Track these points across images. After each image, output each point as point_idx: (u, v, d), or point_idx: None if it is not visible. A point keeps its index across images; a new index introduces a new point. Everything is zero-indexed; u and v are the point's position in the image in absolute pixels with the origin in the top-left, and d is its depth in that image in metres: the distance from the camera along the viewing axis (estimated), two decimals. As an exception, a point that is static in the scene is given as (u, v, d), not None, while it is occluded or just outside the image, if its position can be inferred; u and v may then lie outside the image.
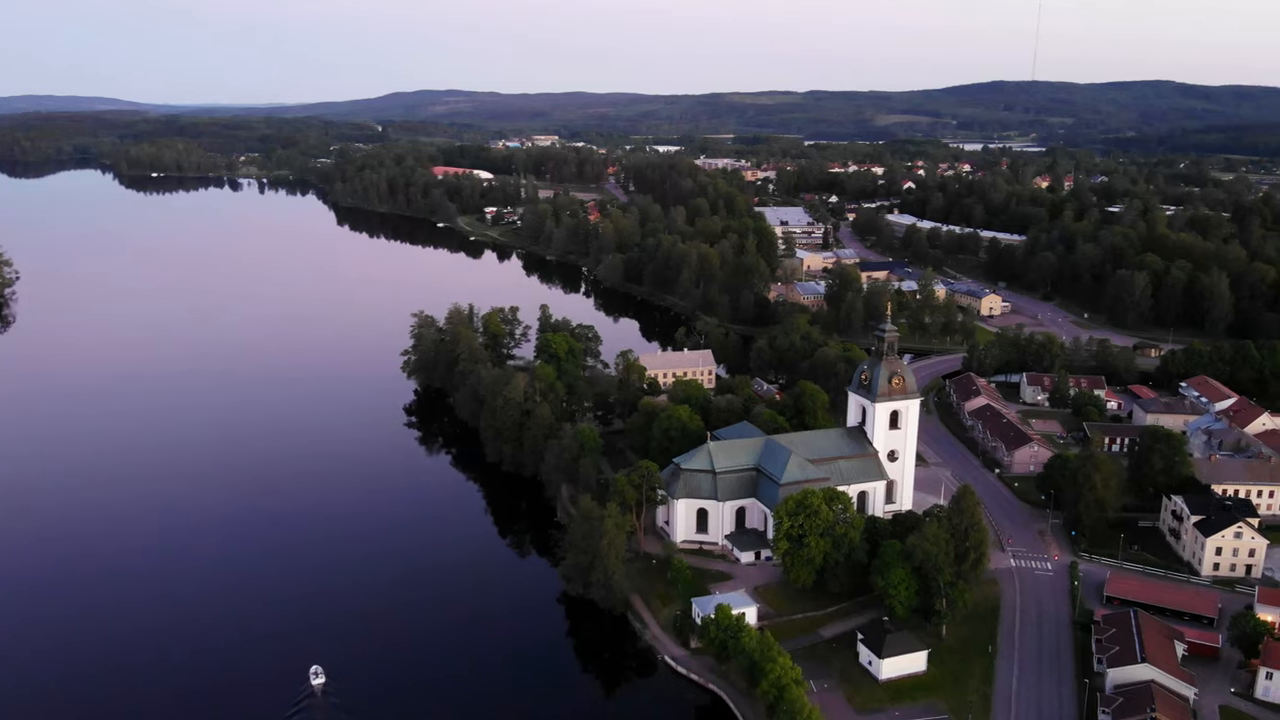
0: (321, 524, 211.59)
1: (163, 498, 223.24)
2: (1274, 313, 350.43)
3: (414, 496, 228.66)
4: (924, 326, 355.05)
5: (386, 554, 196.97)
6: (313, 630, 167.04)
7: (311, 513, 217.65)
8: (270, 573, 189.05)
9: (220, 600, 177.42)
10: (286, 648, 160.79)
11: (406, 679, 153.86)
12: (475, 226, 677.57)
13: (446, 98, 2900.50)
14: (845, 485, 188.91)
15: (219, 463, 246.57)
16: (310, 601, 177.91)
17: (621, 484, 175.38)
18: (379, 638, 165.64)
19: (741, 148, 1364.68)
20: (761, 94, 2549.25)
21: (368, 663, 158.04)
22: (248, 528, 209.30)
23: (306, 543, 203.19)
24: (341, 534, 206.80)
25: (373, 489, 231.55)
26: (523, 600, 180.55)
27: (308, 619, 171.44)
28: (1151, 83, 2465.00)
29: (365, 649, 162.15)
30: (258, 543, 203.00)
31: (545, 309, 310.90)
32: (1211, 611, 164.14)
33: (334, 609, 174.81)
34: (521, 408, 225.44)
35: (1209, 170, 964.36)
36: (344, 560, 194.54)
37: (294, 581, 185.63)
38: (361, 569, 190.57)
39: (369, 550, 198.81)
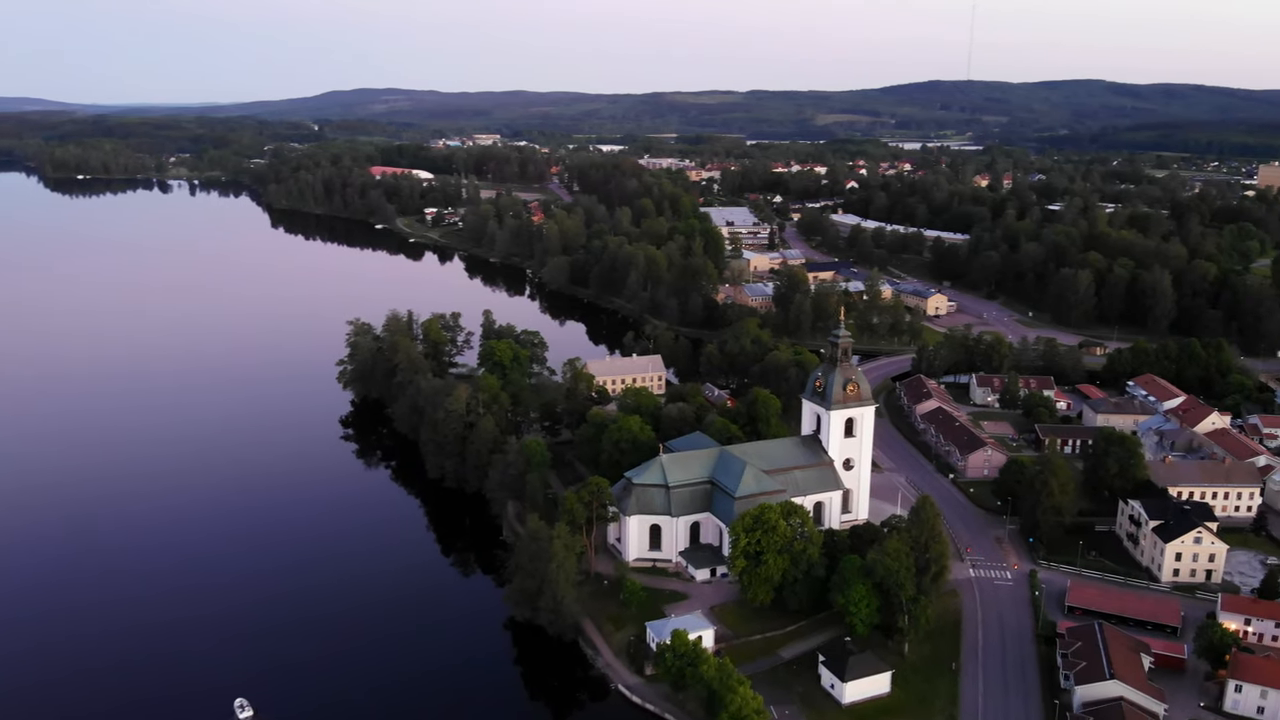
0: (249, 545, 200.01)
1: (77, 520, 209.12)
2: (1216, 309, 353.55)
3: (350, 515, 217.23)
4: (872, 327, 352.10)
5: (319, 577, 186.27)
6: (239, 658, 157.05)
7: (238, 533, 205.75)
8: (192, 598, 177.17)
9: (139, 626, 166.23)
10: (210, 677, 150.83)
11: (340, 710, 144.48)
12: (415, 228, 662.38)
13: (385, 96, 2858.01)
14: (801, 496, 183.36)
15: (138, 481, 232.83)
16: (237, 627, 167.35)
17: (571, 502, 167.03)
18: (311, 666, 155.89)
19: (685, 147, 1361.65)
20: (703, 93, 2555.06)
21: (299, 692, 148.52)
22: (168, 551, 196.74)
23: (232, 566, 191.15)
24: (270, 555, 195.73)
25: (305, 507, 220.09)
26: (467, 626, 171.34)
27: (234, 646, 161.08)
28: (1083, 81, 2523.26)
29: (296, 678, 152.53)
30: (179, 566, 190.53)
31: (488, 314, 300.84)
32: (1174, 620, 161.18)
33: (263, 634, 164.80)
34: (463, 420, 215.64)
35: (1143, 168, 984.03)
36: (273, 583, 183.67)
37: (217, 607, 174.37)
38: (292, 592, 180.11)
39: (300, 573, 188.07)
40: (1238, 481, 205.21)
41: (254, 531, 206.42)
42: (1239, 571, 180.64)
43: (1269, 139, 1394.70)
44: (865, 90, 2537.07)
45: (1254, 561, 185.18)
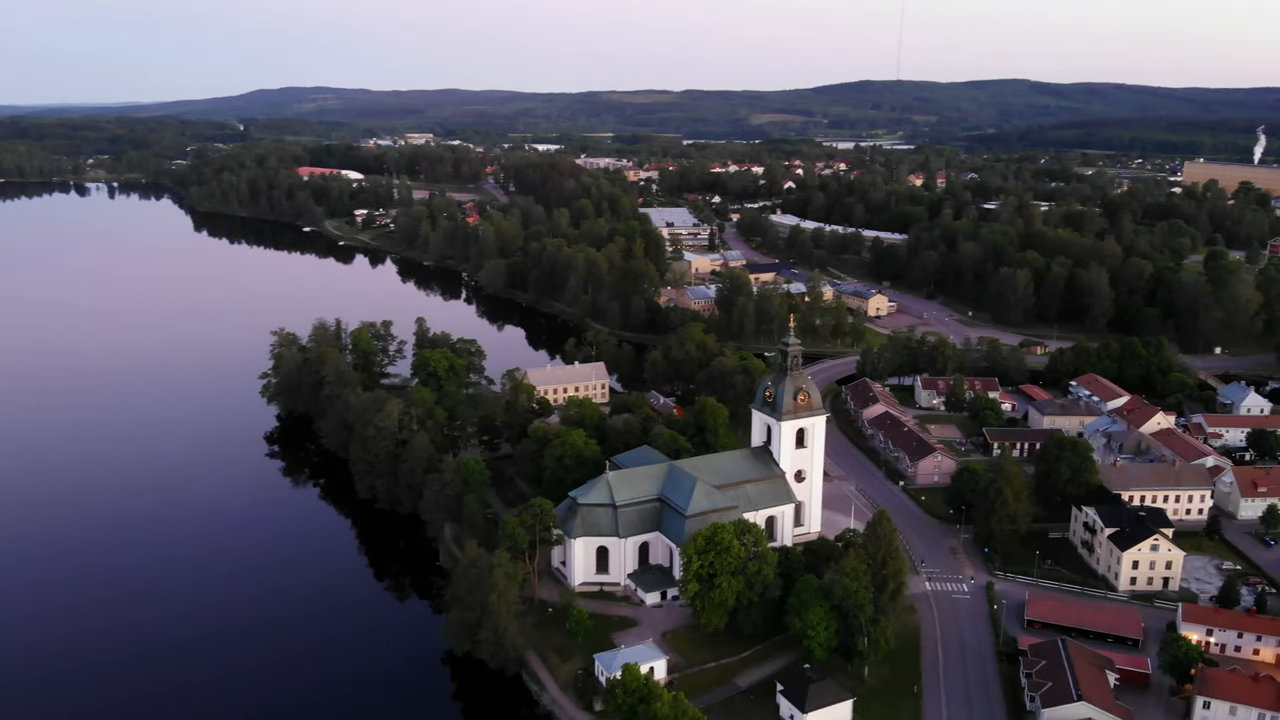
0: (166, 571, 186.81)
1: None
2: (1152, 307, 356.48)
3: (274, 540, 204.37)
4: (814, 329, 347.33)
5: (239, 607, 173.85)
6: (149, 697, 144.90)
7: (154, 558, 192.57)
8: (100, 629, 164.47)
9: (38, 661, 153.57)
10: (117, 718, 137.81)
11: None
12: (344, 230, 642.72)
13: (314, 95, 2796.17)
14: (753, 511, 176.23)
15: (43, 503, 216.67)
16: (148, 660, 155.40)
17: (512, 525, 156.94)
18: (230, 703, 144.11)
19: (622, 147, 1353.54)
20: (638, 92, 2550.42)
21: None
22: (75, 577, 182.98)
23: (147, 593, 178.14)
24: (189, 582, 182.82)
25: (226, 531, 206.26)
26: (401, 658, 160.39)
27: (144, 682, 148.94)
28: (1008, 81, 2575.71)
29: (213, 717, 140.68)
30: (86, 595, 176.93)
31: (421, 322, 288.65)
32: (1136, 632, 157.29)
33: (177, 668, 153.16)
34: (396, 437, 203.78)
35: (1071, 166, 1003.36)
36: (192, 612, 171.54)
37: (129, 637, 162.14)
38: (212, 622, 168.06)
39: (221, 601, 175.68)
40: (1188, 484, 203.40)
41: (169, 559, 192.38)
42: (1195, 578, 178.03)
43: (1189, 136, 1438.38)
44: (798, 90, 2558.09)
45: (1209, 567, 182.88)
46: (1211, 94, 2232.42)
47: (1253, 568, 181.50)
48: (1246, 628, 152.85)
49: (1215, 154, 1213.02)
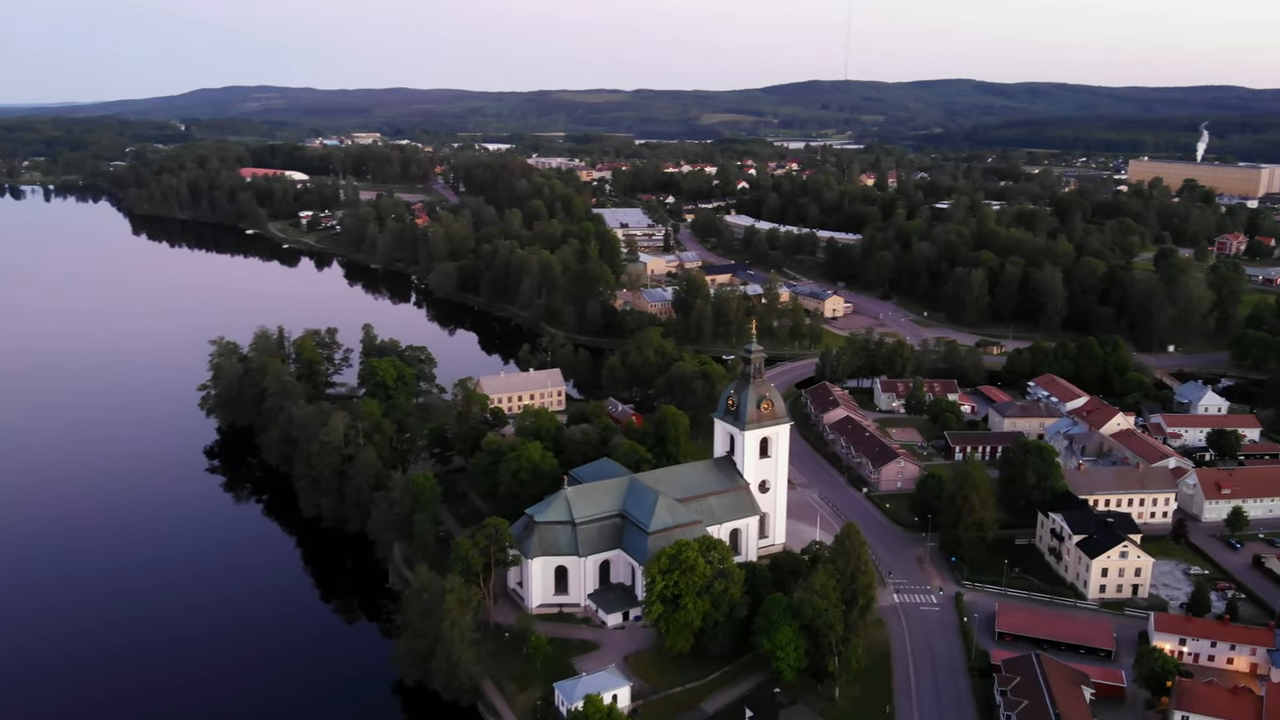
0: (94, 598, 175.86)
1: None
2: (1106, 306, 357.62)
3: (214, 559, 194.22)
4: (772, 332, 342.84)
5: (178, 629, 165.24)
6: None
7: (86, 579, 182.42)
8: (26, 656, 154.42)
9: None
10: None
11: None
12: (289, 233, 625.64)
13: (258, 94, 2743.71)
14: (717, 525, 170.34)
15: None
16: (80, 687, 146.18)
17: (465, 548, 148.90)
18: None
19: (574, 146, 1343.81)
20: (589, 92, 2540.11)
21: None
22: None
23: (77, 618, 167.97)
24: (124, 605, 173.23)
25: (161, 552, 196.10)
26: (349, 686, 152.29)
27: (76, 711, 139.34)
28: (953, 81, 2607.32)
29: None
30: (10, 620, 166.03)
31: (368, 329, 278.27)
32: (1108, 643, 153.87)
33: (110, 697, 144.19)
34: (341, 452, 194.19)
35: (1018, 164, 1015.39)
36: (121, 639, 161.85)
37: (59, 665, 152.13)
38: (144, 648, 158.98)
39: (155, 625, 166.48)
40: (1153, 487, 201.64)
41: (104, 579, 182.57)
42: (1164, 584, 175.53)
43: (1131, 134, 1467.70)
44: (748, 90, 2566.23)
45: (1177, 572, 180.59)
46: (1151, 93, 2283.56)
47: (1220, 572, 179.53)
48: (1220, 636, 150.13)
49: (1157, 152, 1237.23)
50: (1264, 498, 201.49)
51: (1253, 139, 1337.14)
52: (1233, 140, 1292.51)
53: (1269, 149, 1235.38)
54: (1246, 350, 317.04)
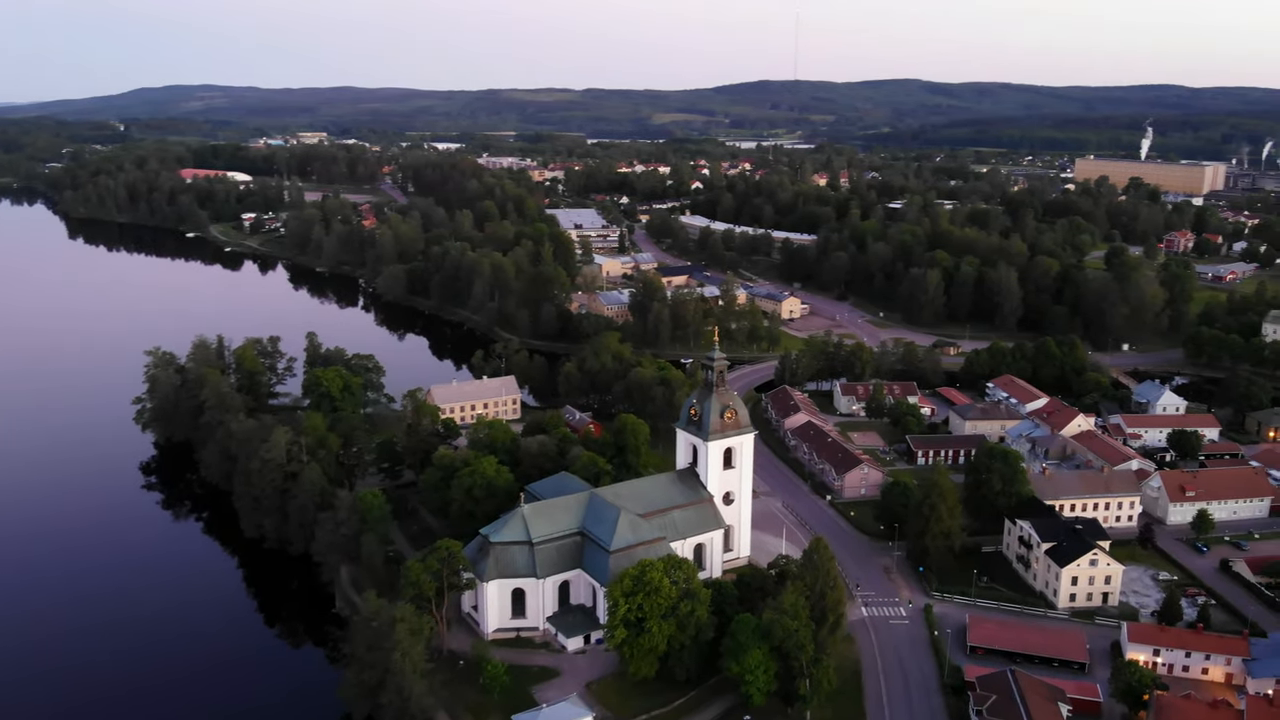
0: (21, 617, 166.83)
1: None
2: (1060, 305, 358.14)
3: (150, 581, 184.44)
4: (730, 334, 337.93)
5: (110, 657, 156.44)
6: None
7: (9, 603, 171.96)
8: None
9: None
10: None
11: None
12: (231, 236, 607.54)
13: (200, 93, 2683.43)
14: (680, 540, 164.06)
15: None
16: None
17: (416, 573, 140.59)
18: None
19: (525, 146, 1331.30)
20: (540, 90, 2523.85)
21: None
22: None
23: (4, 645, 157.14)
24: (50, 630, 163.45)
25: (96, 573, 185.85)
26: (294, 718, 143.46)
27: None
28: (901, 81, 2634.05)
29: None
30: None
31: (312, 337, 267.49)
32: (1081, 655, 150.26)
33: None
34: (283, 470, 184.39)
35: (966, 164, 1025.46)
36: (51, 666, 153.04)
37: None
38: (75, 677, 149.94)
39: (87, 652, 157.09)
40: (1118, 491, 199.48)
41: (30, 602, 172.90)
42: (1133, 590, 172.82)
43: (1074, 133, 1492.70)
44: (699, 90, 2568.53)
45: (1145, 578, 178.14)
46: (1093, 92, 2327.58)
47: (1189, 577, 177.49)
48: (1194, 646, 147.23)
49: (1101, 150, 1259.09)
50: (1228, 499, 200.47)
51: (1193, 136, 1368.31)
52: (1174, 138, 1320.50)
53: (1209, 147, 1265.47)
54: (1200, 348, 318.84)
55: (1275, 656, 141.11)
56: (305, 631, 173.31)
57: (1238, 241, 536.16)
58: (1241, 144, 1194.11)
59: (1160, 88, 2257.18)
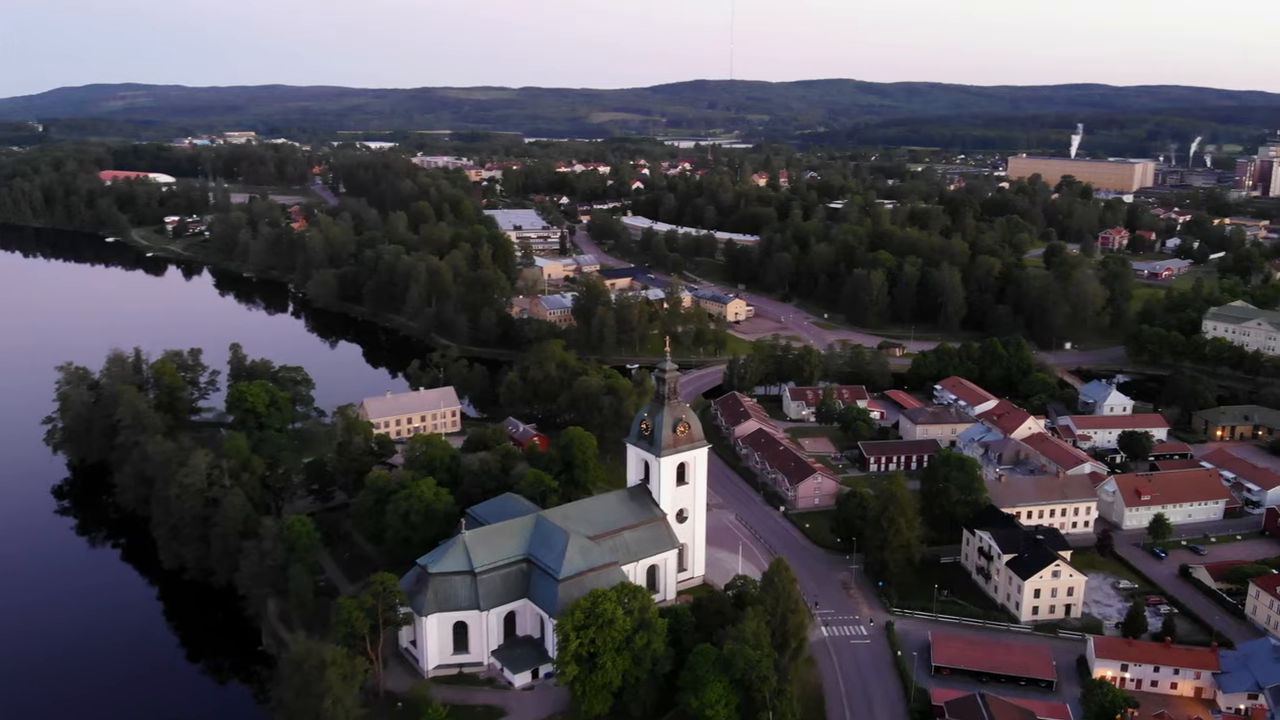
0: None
1: None
2: (1003, 304, 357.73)
3: (63, 612, 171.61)
4: (676, 338, 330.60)
5: (18, 694, 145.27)
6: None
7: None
8: None
9: None
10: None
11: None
12: (153, 240, 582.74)
13: (123, 92, 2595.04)
14: (633, 562, 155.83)
15: None
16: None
17: (348, 611, 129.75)
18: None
19: (461, 145, 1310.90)
20: (475, 89, 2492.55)
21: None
22: None
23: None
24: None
25: (3, 607, 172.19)
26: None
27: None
28: (834, 81, 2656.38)
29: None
30: None
31: (237, 349, 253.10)
32: (1049, 673, 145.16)
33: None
34: (204, 496, 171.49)
35: (902, 163, 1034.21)
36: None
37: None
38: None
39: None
40: (1074, 497, 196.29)
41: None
42: (1094, 600, 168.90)
43: (1004, 132, 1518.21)
44: (636, 89, 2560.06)
45: (1106, 587, 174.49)
46: (1020, 91, 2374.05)
47: (1149, 585, 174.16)
48: (1162, 660, 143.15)
49: (1030, 148, 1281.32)
50: (1183, 503, 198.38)
51: (1119, 134, 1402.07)
52: (1100, 136, 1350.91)
53: (1134, 144, 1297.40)
54: (1142, 346, 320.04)
55: (1245, 669, 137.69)
56: (231, 668, 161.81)
57: (1171, 238, 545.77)
58: (1167, 141, 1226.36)
59: (1085, 87, 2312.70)
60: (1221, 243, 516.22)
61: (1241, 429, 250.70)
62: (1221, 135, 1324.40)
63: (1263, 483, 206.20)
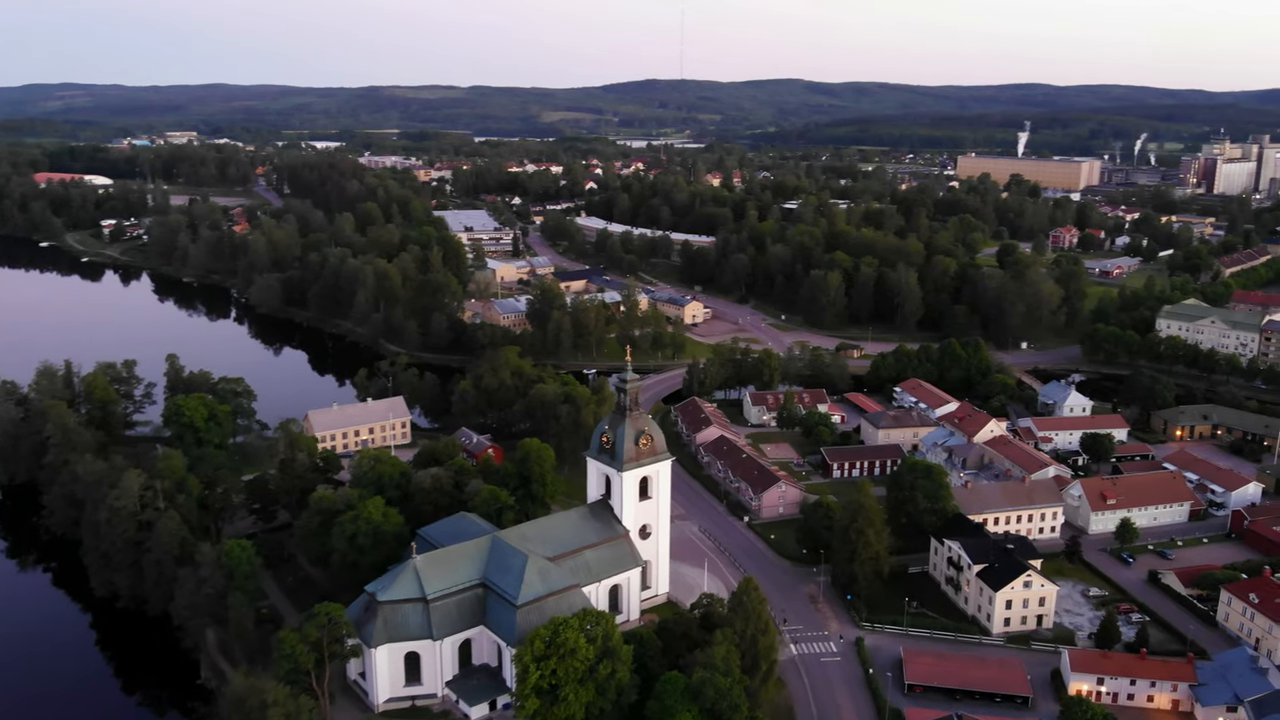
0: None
1: None
2: (960, 304, 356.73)
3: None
4: (633, 341, 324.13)
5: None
6: None
7: None
8: None
9: None
10: None
11: None
12: (89, 244, 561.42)
13: (60, 92, 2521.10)
14: (595, 583, 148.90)
15: None
16: None
17: (290, 645, 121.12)
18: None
19: (409, 144, 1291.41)
20: (423, 88, 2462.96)
21: None
22: None
23: None
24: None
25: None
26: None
27: None
28: (784, 81, 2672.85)
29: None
30: None
31: (173, 360, 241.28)
32: (1024, 688, 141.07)
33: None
34: (137, 519, 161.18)
35: (853, 163, 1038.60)
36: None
37: None
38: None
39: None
40: (1040, 502, 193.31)
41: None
42: (1065, 609, 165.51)
43: (950, 131, 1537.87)
44: (587, 88, 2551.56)
45: (1076, 595, 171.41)
46: (965, 91, 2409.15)
47: (1118, 591, 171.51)
48: (1138, 673, 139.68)
49: (976, 148, 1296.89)
50: (1148, 506, 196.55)
51: (1063, 133, 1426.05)
52: (1044, 135, 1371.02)
53: (1078, 143, 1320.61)
54: (1098, 345, 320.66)
55: (1223, 681, 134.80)
56: (169, 701, 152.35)
57: (1120, 236, 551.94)
58: (1109, 139, 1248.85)
59: (1028, 86, 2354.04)
60: (1170, 240, 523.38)
61: (1201, 429, 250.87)
62: (1163, 133, 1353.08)
63: (1226, 484, 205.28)
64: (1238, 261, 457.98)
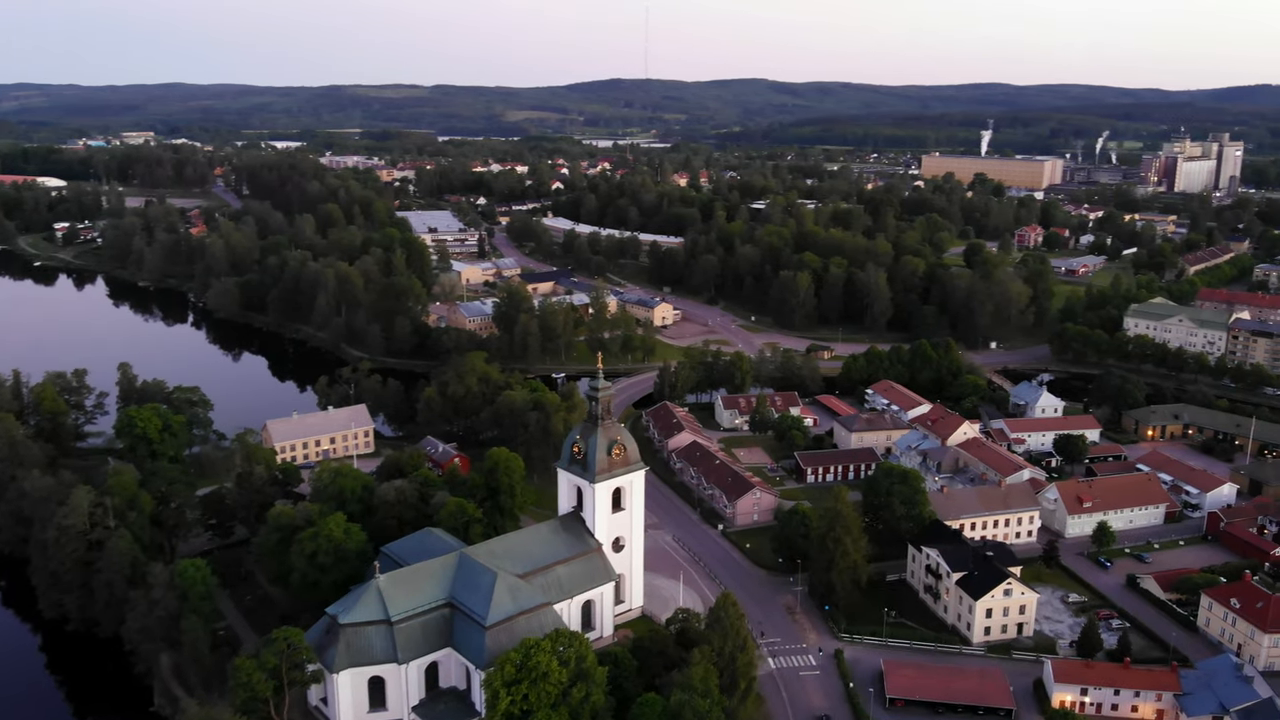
0: None
1: None
2: (929, 304, 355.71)
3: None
4: (603, 345, 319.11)
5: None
6: None
7: None
8: None
9: None
10: None
11: None
12: (42, 248, 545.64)
13: (15, 92, 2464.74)
14: (567, 599, 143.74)
15: None
16: None
17: (247, 672, 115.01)
18: None
19: (371, 144, 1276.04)
20: (386, 87, 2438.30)
21: None
22: None
23: None
24: None
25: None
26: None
27: None
28: (748, 81, 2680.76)
29: None
30: None
31: (126, 369, 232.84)
32: (1007, 700, 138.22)
33: None
34: (86, 538, 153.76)
35: (818, 162, 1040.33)
36: None
37: None
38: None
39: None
40: (1016, 506, 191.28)
41: None
42: (1045, 616, 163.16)
43: (913, 131, 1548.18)
44: (552, 87, 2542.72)
45: (1055, 601, 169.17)
46: (927, 91, 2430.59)
47: (1098, 597, 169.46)
48: (1122, 683, 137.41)
49: (939, 147, 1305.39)
50: (1124, 509, 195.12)
51: (1024, 132, 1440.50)
52: (1006, 134, 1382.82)
53: (1039, 142, 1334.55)
54: (1066, 344, 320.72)
55: (1208, 689, 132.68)
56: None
57: (1084, 235, 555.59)
58: (1070, 138, 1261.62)
59: (988, 86, 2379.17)
60: (1133, 238, 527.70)
61: (1172, 428, 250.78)
62: (1122, 132, 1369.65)
63: (1200, 485, 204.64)
64: (1201, 259, 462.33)
